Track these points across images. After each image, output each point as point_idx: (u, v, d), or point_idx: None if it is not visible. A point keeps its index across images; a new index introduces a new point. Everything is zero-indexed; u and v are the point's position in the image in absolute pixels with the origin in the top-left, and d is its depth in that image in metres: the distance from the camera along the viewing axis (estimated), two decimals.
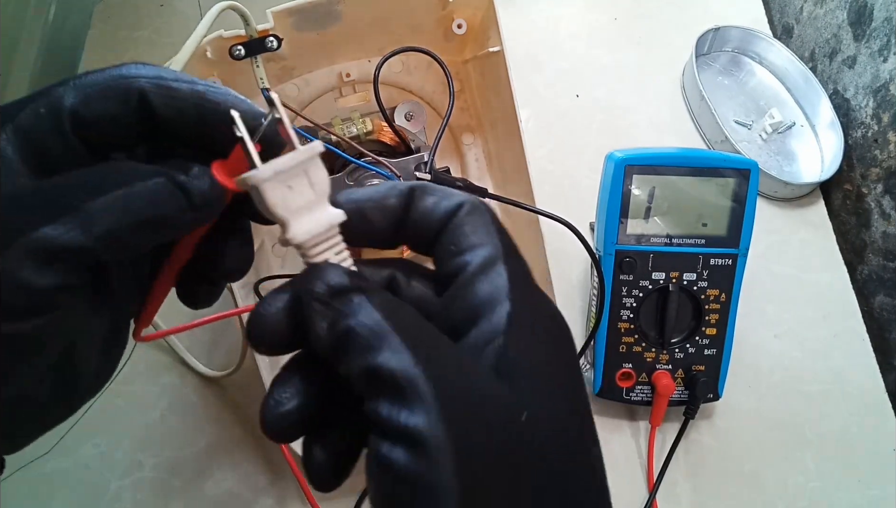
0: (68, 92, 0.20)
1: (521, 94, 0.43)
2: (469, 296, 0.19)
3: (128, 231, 0.18)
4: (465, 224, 0.20)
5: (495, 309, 0.18)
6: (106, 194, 0.17)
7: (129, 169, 0.18)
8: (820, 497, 0.47)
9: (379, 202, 0.20)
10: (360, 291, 0.17)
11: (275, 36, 0.38)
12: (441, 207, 0.20)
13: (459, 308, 0.19)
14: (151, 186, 0.18)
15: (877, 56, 0.53)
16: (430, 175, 0.42)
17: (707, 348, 0.47)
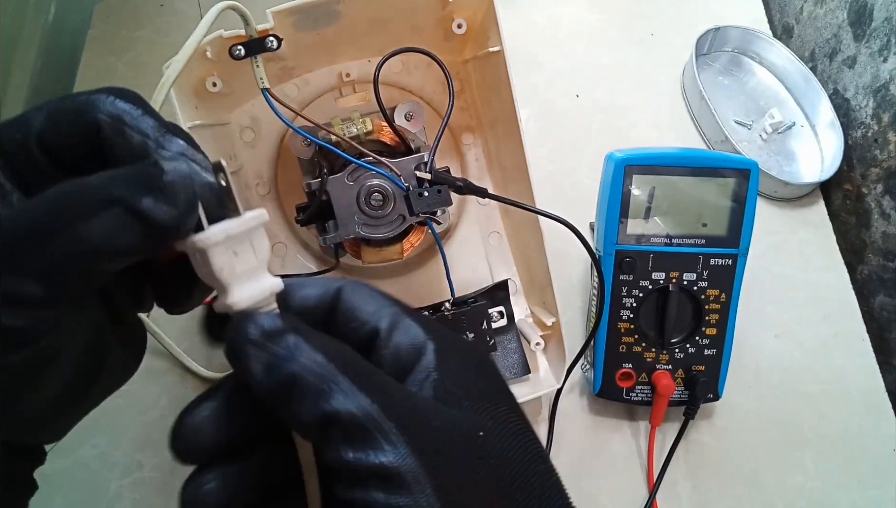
0: (39, 115, 0.19)
1: (521, 94, 0.43)
2: (393, 351, 0.19)
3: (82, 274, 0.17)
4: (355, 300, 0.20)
5: (422, 352, 0.19)
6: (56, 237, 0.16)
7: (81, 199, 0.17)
8: (819, 497, 0.47)
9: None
10: (296, 331, 0.18)
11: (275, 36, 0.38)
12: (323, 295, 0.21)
13: (390, 364, 0.19)
14: (104, 222, 0.16)
15: (877, 56, 0.53)
16: (430, 175, 0.42)
17: (707, 348, 0.47)
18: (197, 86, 0.41)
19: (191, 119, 0.39)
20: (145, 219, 0.17)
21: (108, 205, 0.16)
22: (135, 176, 0.17)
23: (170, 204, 0.17)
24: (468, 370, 0.20)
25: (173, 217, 0.17)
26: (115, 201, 0.16)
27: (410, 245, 0.47)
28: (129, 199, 0.17)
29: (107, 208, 0.16)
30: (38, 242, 0.16)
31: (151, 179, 0.17)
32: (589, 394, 0.50)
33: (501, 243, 0.52)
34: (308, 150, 0.44)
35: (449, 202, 0.42)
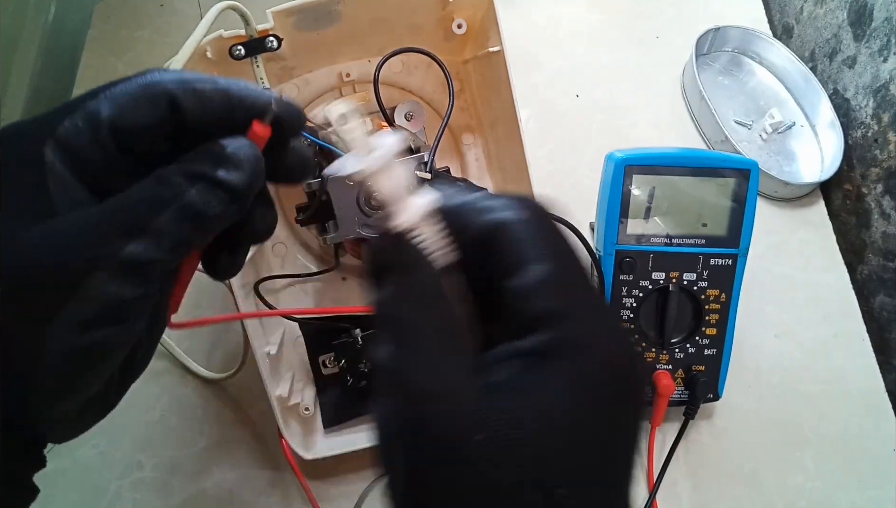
0: (103, 104, 0.21)
1: (521, 94, 0.43)
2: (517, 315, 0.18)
3: (190, 237, 0.21)
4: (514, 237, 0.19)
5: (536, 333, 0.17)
6: (163, 211, 0.20)
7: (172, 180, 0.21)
8: (819, 497, 0.47)
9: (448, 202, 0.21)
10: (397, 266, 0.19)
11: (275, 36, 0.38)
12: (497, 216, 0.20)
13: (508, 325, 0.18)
14: (196, 194, 0.20)
15: (877, 56, 0.53)
16: (429, 175, 0.42)
17: (707, 348, 0.47)
18: None
19: None
20: (224, 185, 0.21)
21: (195, 179, 0.21)
22: (203, 155, 0.21)
23: (239, 170, 0.21)
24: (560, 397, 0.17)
25: (244, 180, 0.21)
26: (198, 176, 0.21)
27: None
28: (207, 173, 0.21)
29: (195, 181, 0.21)
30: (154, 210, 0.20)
31: (219, 156, 0.21)
32: None
33: None
34: (308, 150, 0.44)
35: None
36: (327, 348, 0.45)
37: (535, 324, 0.17)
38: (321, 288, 0.50)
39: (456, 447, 0.16)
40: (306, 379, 0.48)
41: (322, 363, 0.45)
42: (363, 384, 0.46)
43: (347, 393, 0.45)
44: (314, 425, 0.46)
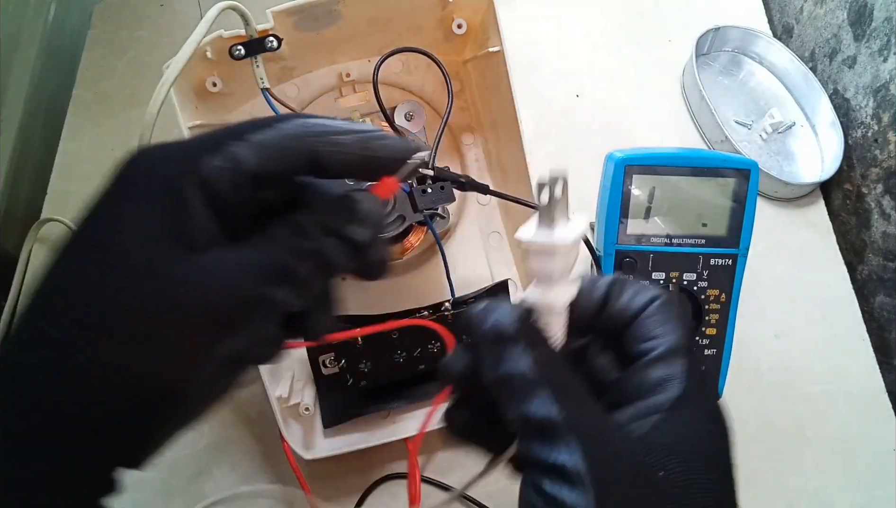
0: (249, 152, 0.22)
1: (521, 94, 0.43)
2: (645, 375, 0.22)
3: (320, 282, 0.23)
4: (655, 315, 0.23)
5: (666, 390, 0.21)
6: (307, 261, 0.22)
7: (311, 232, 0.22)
8: (820, 497, 0.47)
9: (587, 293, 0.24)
10: (524, 340, 0.20)
11: (275, 36, 0.38)
12: (635, 302, 0.23)
13: (634, 382, 0.22)
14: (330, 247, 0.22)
15: (877, 56, 0.53)
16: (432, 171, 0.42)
17: (707, 348, 0.47)
18: (197, 86, 0.41)
19: (191, 119, 0.39)
20: (352, 241, 0.23)
21: (330, 234, 0.23)
22: (340, 209, 0.23)
23: (366, 227, 0.23)
24: (696, 429, 0.21)
25: (369, 236, 0.23)
26: (331, 230, 0.23)
27: (410, 245, 0.47)
28: (341, 229, 0.23)
29: (329, 235, 0.23)
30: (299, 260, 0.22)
31: (352, 212, 0.23)
32: None
33: (501, 243, 0.52)
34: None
35: (452, 198, 0.42)
36: (327, 348, 0.45)
37: (668, 383, 0.21)
38: None
39: (644, 479, 0.19)
40: (306, 379, 0.47)
41: (322, 363, 0.45)
42: (363, 384, 0.45)
43: (347, 393, 0.45)
44: (314, 425, 0.46)
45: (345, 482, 0.46)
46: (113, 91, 0.59)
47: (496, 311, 0.21)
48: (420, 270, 0.51)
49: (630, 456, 0.20)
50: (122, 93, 0.59)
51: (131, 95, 0.59)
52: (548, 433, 0.19)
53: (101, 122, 0.58)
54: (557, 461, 0.19)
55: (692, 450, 0.21)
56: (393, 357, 0.45)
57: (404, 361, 0.46)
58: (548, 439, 0.19)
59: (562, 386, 0.20)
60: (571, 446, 0.19)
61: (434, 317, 0.44)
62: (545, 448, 0.19)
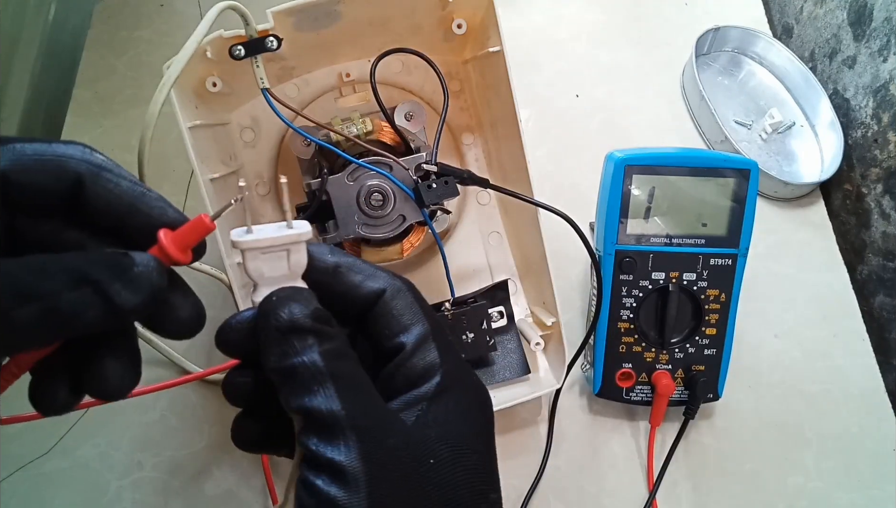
0: (4, 154, 0.20)
1: (521, 94, 0.43)
2: (407, 370, 0.22)
3: (45, 337, 0.19)
4: (394, 308, 0.23)
5: (426, 380, 0.22)
6: (30, 304, 0.18)
7: (56, 275, 0.19)
8: (820, 496, 0.47)
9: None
10: (314, 333, 0.20)
11: (275, 36, 0.38)
12: (365, 287, 0.23)
13: (400, 379, 0.22)
14: (75, 299, 0.18)
15: (877, 56, 0.53)
16: (436, 166, 0.42)
17: (707, 348, 0.47)
18: (197, 86, 0.41)
19: (191, 119, 0.39)
20: (110, 301, 0.19)
21: (82, 283, 0.19)
22: (109, 262, 0.19)
23: (134, 292, 0.19)
24: (459, 412, 0.22)
25: (135, 304, 0.19)
26: (89, 281, 0.19)
27: (410, 245, 0.47)
28: (101, 282, 0.19)
29: (80, 285, 0.19)
30: (15, 300, 0.18)
31: (123, 269, 0.19)
32: (589, 394, 0.50)
33: (501, 243, 0.52)
34: (308, 150, 0.44)
35: (457, 193, 0.42)
36: None
37: (428, 373, 0.22)
38: None
39: (416, 472, 0.20)
40: None
41: None
42: None
43: None
44: None
45: None
46: (113, 91, 0.59)
47: (290, 302, 0.21)
48: (420, 269, 0.51)
49: (405, 450, 0.20)
50: (122, 93, 0.59)
51: (131, 95, 0.59)
52: (327, 428, 0.19)
53: (101, 122, 0.58)
54: (335, 458, 0.19)
55: (458, 435, 0.22)
56: None
57: None
58: (327, 434, 0.19)
59: (348, 380, 0.20)
60: (349, 443, 0.19)
61: None
62: (323, 444, 0.19)
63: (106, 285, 0.19)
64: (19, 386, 0.22)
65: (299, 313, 0.21)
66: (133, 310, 0.20)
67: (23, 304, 0.18)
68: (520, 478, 0.47)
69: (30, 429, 0.47)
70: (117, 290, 0.19)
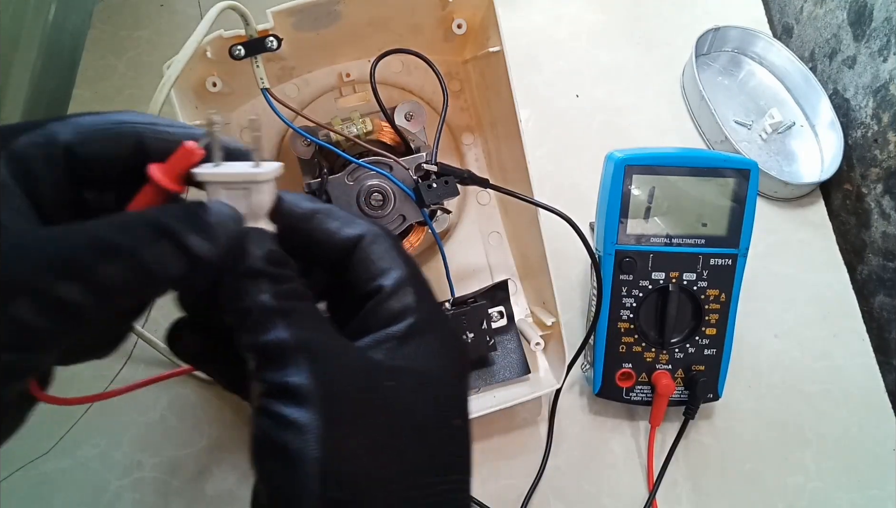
0: (66, 128, 0.20)
1: (521, 94, 0.43)
2: (383, 312, 0.22)
3: (132, 294, 0.19)
4: (373, 253, 0.23)
5: (400, 322, 0.22)
6: (115, 262, 0.18)
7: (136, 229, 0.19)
8: (820, 496, 0.47)
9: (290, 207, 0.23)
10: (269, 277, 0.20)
11: (275, 36, 0.38)
12: (343, 233, 0.23)
13: (373, 319, 0.22)
14: (157, 252, 0.19)
15: (877, 56, 0.53)
16: (436, 166, 0.42)
17: (707, 348, 0.47)
18: (197, 86, 0.41)
19: (191, 119, 0.39)
20: (190, 253, 0.19)
21: (162, 236, 0.19)
22: (184, 214, 0.19)
23: (212, 242, 0.20)
24: (428, 352, 0.22)
25: (214, 254, 0.20)
26: (167, 233, 0.19)
27: (410, 245, 0.47)
28: (179, 233, 0.19)
29: (160, 239, 0.19)
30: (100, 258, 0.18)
31: (197, 219, 0.20)
32: (589, 394, 0.50)
33: (501, 243, 0.52)
34: (308, 150, 0.44)
35: (457, 193, 0.42)
36: None
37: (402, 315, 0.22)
38: None
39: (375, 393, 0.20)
40: None
41: None
42: None
43: None
44: None
45: None
46: (113, 91, 0.59)
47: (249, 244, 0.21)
48: None
49: (362, 372, 0.20)
50: (122, 93, 0.59)
51: (131, 95, 0.59)
52: (279, 357, 0.19)
53: None
54: (287, 381, 0.19)
55: (425, 369, 0.21)
56: None
57: None
58: (279, 362, 0.19)
59: (300, 315, 0.20)
60: (300, 365, 0.19)
61: None
62: (275, 372, 0.19)
63: (184, 236, 0.19)
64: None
65: (257, 255, 0.20)
66: (212, 259, 0.20)
67: (107, 260, 0.18)
68: (520, 478, 0.47)
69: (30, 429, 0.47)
70: (195, 242, 0.19)
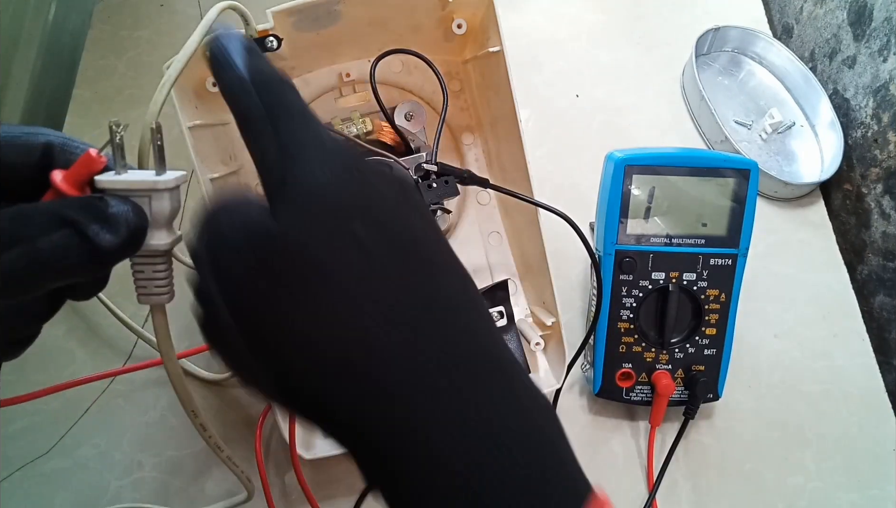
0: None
1: (521, 94, 0.43)
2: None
3: (30, 282, 0.19)
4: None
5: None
6: (11, 249, 0.18)
7: (35, 218, 0.19)
8: (820, 497, 0.47)
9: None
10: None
11: (275, 36, 0.38)
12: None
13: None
14: (56, 241, 0.19)
15: (877, 56, 0.53)
16: (436, 166, 0.42)
17: (707, 348, 0.47)
18: (197, 86, 0.41)
19: (191, 119, 0.39)
20: (91, 242, 0.19)
21: (62, 225, 0.19)
22: (85, 205, 0.20)
23: (113, 233, 0.20)
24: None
25: (115, 244, 0.20)
26: (68, 222, 0.19)
27: None
28: (80, 222, 0.19)
29: (60, 227, 0.19)
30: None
31: (98, 210, 0.20)
32: (589, 394, 0.50)
33: (501, 243, 0.52)
34: None
35: (457, 192, 0.42)
36: None
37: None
38: None
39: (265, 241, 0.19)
40: None
41: None
42: None
43: None
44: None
45: (345, 482, 0.46)
46: (113, 91, 0.59)
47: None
48: None
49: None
50: (122, 93, 0.59)
51: (131, 95, 0.59)
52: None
53: (101, 122, 0.58)
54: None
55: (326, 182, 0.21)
56: None
57: None
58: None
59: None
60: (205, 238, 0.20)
61: None
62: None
63: (84, 225, 0.19)
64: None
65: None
66: (113, 250, 0.20)
67: (4, 249, 0.18)
68: None
69: (30, 429, 0.47)
70: (96, 231, 0.19)
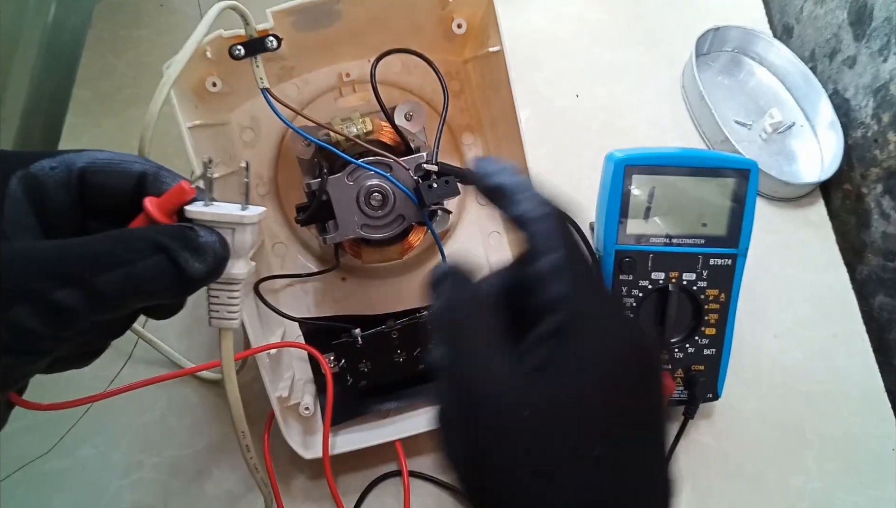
0: (81, 158, 0.23)
1: (521, 94, 0.43)
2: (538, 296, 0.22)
3: (124, 302, 0.21)
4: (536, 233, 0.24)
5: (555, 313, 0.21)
6: (112, 271, 0.20)
7: (133, 243, 0.21)
8: (820, 497, 0.47)
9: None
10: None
11: (275, 36, 0.38)
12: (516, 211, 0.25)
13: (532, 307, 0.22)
14: (151, 265, 0.21)
15: (877, 56, 0.53)
16: (437, 166, 0.42)
17: (707, 347, 0.47)
18: (197, 86, 0.41)
19: (191, 119, 0.39)
20: (181, 268, 0.21)
21: (157, 251, 0.21)
22: (178, 233, 0.22)
23: (201, 261, 0.22)
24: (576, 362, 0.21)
25: (202, 272, 0.22)
26: (162, 248, 0.21)
27: (410, 245, 0.47)
28: (173, 250, 0.21)
29: (156, 253, 0.21)
30: (98, 268, 0.20)
31: (189, 239, 0.22)
32: None
33: (501, 243, 0.52)
34: (308, 150, 0.44)
35: (458, 192, 0.42)
36: (327, 348, 0.45)
37: (551, 306, 0.21)
38: (321, 288, 0.50)
39: (504, 423, 0.19)
40: (306, 379, 0.48)
41: None
42: (363, 384, 0.46)
43: (347, 393, 0.45)
44: (314, 425, 0.46)
45: (345, 481, 0.46)
46: (113, 91, 0.59)
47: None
48: (420, 270, 0.51)
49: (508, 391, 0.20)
50: (122, 93, 0.59)
51: (131, 95, 0.59)
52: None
53: (101, 122, 0.58)
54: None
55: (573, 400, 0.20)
56: (393, 357, 0.45)
57: (404, 361, 0.46)
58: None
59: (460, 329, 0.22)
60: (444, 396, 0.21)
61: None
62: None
63: (176, 252, 0.21)
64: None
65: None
66: (200, 277, 0.22)
67: (106, 270, 0.20)
68: None
69: (30, 429, 0.47)
70: (186, 258, 0.21)
